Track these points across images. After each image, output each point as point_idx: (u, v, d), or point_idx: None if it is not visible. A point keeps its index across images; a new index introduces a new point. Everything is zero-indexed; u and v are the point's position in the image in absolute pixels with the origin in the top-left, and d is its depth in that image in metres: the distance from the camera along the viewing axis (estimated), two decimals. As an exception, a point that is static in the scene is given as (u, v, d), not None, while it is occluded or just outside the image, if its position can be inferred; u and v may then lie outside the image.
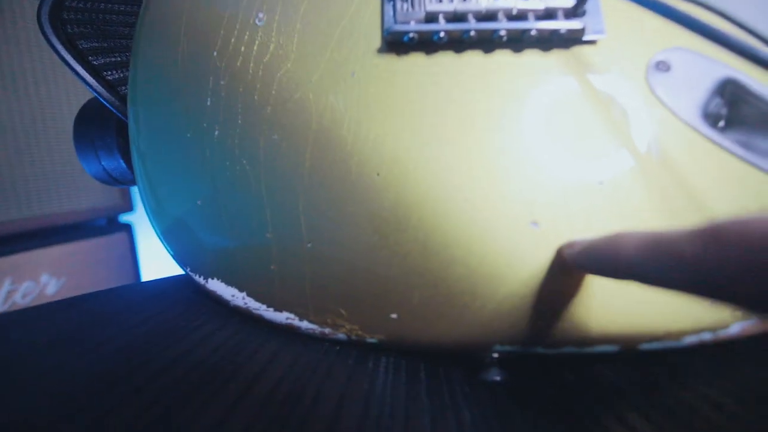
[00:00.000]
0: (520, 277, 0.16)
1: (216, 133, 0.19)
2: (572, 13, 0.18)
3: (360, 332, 0.18)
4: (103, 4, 0.27)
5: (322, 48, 0.18)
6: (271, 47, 0.19)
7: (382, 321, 0.17)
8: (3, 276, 0.59)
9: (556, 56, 0.18)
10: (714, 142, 0.17)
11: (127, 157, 0.31)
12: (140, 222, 0.74)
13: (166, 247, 0.21)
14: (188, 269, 0.20)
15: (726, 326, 0.16)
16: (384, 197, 0.17)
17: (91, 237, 0.67)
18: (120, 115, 0.27)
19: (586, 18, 0.18)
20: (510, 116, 0.17)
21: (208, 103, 0.19)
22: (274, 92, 0.18)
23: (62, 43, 0.25)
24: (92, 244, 0.66)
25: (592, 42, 0.18)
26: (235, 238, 0.19)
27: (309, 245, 0.18)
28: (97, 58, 0.26)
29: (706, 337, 0.16)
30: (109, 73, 0.26)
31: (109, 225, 0.71)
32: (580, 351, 0.16)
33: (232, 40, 0.19)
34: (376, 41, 0.18)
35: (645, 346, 0.16)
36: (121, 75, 0.26)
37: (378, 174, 0.17)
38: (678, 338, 0.16)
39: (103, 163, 0.32)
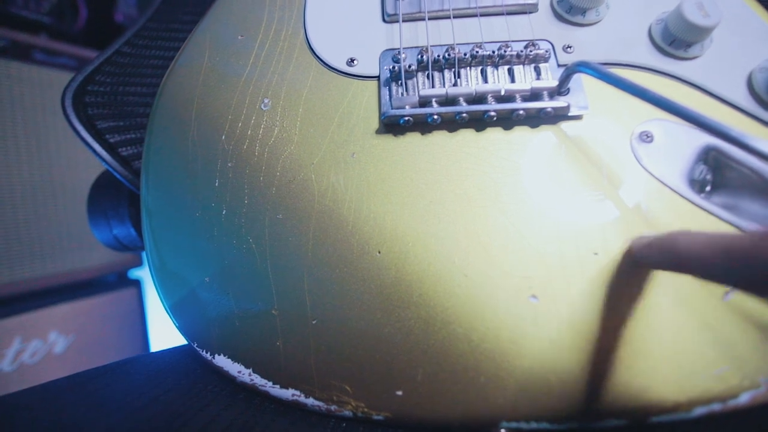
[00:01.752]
0: (523, 352, 0.16)
1: (224, 212, 0.20)
2: (556, 92, 0.19)
3: (366, 409, 0.18)
4: (122, 87, 0.29)
5: (323, 131, 0.20)
6: (276, 131, 0.20)
7: (387, 398, 0.17)
8: (12, 335, 0.59)
9: (544, 132, 0.19)
10: (702, 208, 0.18)
11: (138, 226, 0.32)
12: (149, 277, 0.75)
13: (173, 321, 0.21)
14: (195, 344, 0.21)
15: (736, 396, 0.16)
16: (385, 275, 0.17)
17: (100, 293, 0.68)
18: (133, 188, 0.28)
19: (570, 95, 0.19)
20: (504, 192, 0.18)
21: (216, 184, 0.20)
22: (278, 173, 0.19)
23: (82, 124, 0.27)
24: (102, 300, 0.67)
25: (577, 117, 0.19)
26: (242, 315, 0.19)
27: (314, 322, 0.18)
28: (113, 135, 0.28)
29: (716, 407, 0.16)
30: (124, 149, 0.28)
31: (119, 281, 0.72)
32: (588, 426, 0.16)
33: (239, 124, 0.21)
34: (374, 123, 0.19)
35: (655, 419, 0.16)
36: (136, 150, 0.28)
37: (379, 252, 0.18)
38: (688, 410, 0.16)
39: (114, 231, 0.33)
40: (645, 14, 0.21)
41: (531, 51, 0.19)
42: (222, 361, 0.20)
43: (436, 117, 0.18)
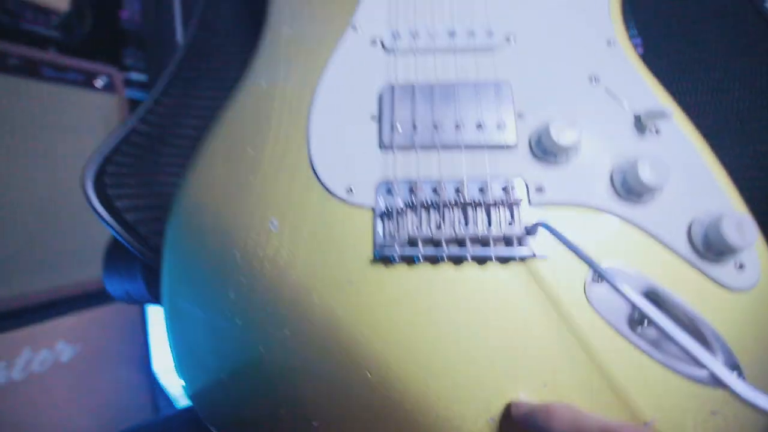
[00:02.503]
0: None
1: (238, 322, 0.24)
2: (526, 233, 0.23)
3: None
4: (138, 168, 0.32)
5: (324, 256, 0.23)
6: (283, 253, 0.24)
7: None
8: (22, 346, 0.64)
9: (512, 270, 0.23)
10: (634, 344, 0.22)
11: (150, 286, 0.36)
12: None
13: (195, 408, 0.26)
14: (213, 429, 0.25)
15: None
16: (374, 395, 0.22)
17: (104, 304, 0.72)
18: (147, 261, 0.32)
19: (536, 237, 0.23)
20: (474, 324, 0.22)
21: (232, 296, 0.24)
22: (285, 294, 0.23)
23: (102, 203, 0.31)
24: (105, 311, 0.72)
25: (543, 257, 0.23)
26: (254, 412, 0.24)
27: (315, 424, 0.22)
28: (131, 214, 0.31)
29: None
30: (143, 226, 0.31)
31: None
32: None
33: (251, 242, 0.24)
34: (369, 253, 0.23)
35: None
36: (153, 229, 0.31)
37: (369, 374, 0.22)
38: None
39: (126, 288, 0.37)
40: (607, 163, 0.24)
41: (506, 195, 0.23)
42: (234, 443, 0.24)
43: (421, 257, 0.22)
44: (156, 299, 0.36)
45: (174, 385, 0.83)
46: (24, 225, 0.64)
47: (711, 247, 0.23)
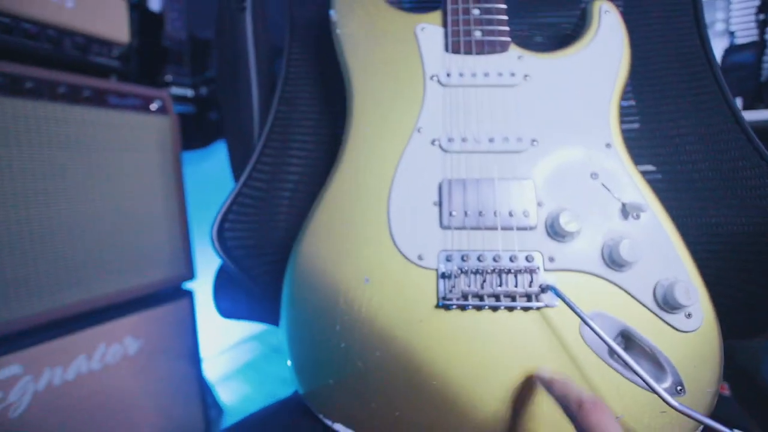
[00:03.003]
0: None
1: (342, 345, 0.36)
2: (541, 292, 0.34)
3: (423, 461, 0.35)
4: (250, 218, 0.43)
5: (402, 304, 0.35)
6: (374, 300, 0.35)
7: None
8: (99, 341, 0.77)
9: (531, 315, 0.34)
10: (612, 368, 0.33)
11: (251, 309, 0.48)
12: (198, 288, 0.93)
13: (307, 401, 0.38)
14: (321, 415, 0.37)
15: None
16: (438, 396, 0.33)
17: (162, 304, 0.85)
18: (251, 291, 0.44)
19: (548, 294, 0.34)
20: (505, 352, 0.33)
21: (337, 328, 0.36)
22: (376, 327, 0.35)
23: (225, 253, 0.42)
24: (163, 309, 0.84)
25: (554, 306, 0.34)
26: (353, 404, 0.35)
27: (396, 413, 0.34)
28: (246, 260, 0.43)
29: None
30: (254, 269, 0.43)
31: (174, 292, 0.89)
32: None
33: (351, 293, 0.36)
34: (433, 301, 0.35)
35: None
36: (261, 269, 0.43)
37: (434, 382, 0.33)
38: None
39: (230, 307, 0.49)
40: (600, 238, 0.35)
41: (528, 263, 0.34)
42: (338, 427, 0.36)
43: (470, 307, 0.34)
44: (254, 317, 0.49)
45: (210, 371, 0.95)
46: (99, 236, 0.76)
47: (668, 303, 0.34)
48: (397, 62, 0.42)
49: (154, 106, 0.88)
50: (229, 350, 1.32)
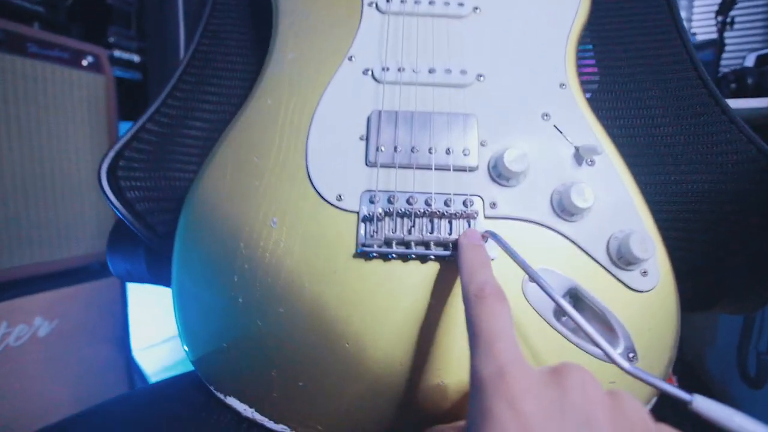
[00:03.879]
0: (429, 414, 0.27)
1: (240, 300, 0.30)
2: (478, 241, 0.29)
3: (331, 442, 0.29)
4: (149, 164, 0.37)
5: (315, 250, 0.29)
6: (281, 245, 0.30)
7: (345, 437, 0.28)
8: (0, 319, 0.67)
9: (466, 268, 0.29)
10: (558, 331, 0.29)
11: (151, 268, 0.41)
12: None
13: (197, 370, 0.31)
14: (212, 387, 0.31)
15: None
16: (350, 360, 0.28)
17: (84, 281, 0.76)
18: (153, 246, 0.37)
19: (488, 244, 0.30)
20: (432, 308, 0.28)
21: (235, 279, 0.30)
22: (282, 278, 0.29)
23: (114, 195, 0.36)
24: (85, 288, 0.75)
25: (492, 259, 0.30)
26: (250, 373, 0.29)
27: (300, 384, 0.29)
28: (141, 204, 0.36)
29: None
30: (150, 216, 0.36)
31: (102, 269, 0.80)
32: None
33: (254, 235, 0.30)
34: (352, 249, 0.29)
35: None
36: (160, 218, 0.37)
37: (347, 344, 0.28)
38: None
39: (128, 267, 0.42)
40: (549, 185, 0.31)
41: (465, 209, 0.30)
42: (232, 401, 0.30)
43: (394, 255, 0.29)
44: (154, 279, 0.42)
45: (149, 364, 0.88)
46: (4, 201, 0.67)
47: (622, 258, 0.30)
48: (331, -15, 0.37)
49: (85, 62, 0.80)
50: (174, 339, 1.22)
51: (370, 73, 0.34)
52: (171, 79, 0.40)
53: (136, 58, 1.04)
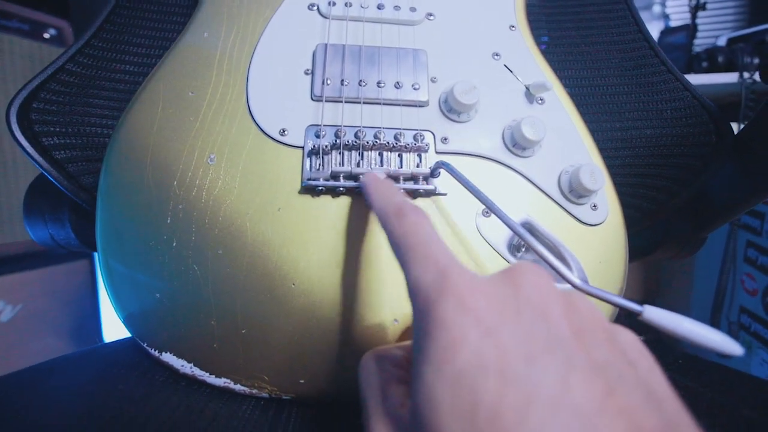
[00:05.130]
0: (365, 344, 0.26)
1: (174, 244, 0.27)
2: (429, 176, 0.28)
3: (278, 392, 0.27)
4: (68, 107, 0.33)
5: (257, 187, 0.27)
6: (219, 183, 0.27)
7: (293, 385, 0.27)
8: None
9: (418, 203, 0.28)
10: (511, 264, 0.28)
11: (77, 229, 0.37)
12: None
13: (126, 328, 0.28)
14: (145, 344, 0.28)
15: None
16: (297, 301, 0.26)
17: (51, 264, 0.70)
18: (78, 200, 0.33)
19: (439, 178, 0.29)
20: (380, 244, 0.27)
21: (168, 221, 0.27)
22: (220, 218, 0.27)
23: (28, 141, 0.32)
24: (52, 271, 0.69)
25: (443, 194, 0.29)
26: (186, 323, 0.27)
27: (243, 331, 0.26)
28: (59, 152, 0.33)
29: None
30: (73, 165, 0.33)
31: (70, 253, 0.73)
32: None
33: (189, 174, 0.28)
34: (297, 185, 0.28)
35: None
36: (83, 167, 0.33)
37: (293, 284, 0.26)
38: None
39: (50, 231, 0.38)
40: (501, 122, 0.31)
41: (416, 143, 0.29)
42: (168, 357, 0.28)
43: (341, 189, 0.27)
44: (81, 243, 0.38)
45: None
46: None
47: (573, 191, 0.30)
48: None
49: (47, 35, 0.73)
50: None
51: (315, 7, 0.32)
52: (97, 19, 0.37)
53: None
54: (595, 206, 0.30)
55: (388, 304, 0.26)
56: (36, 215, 0.37)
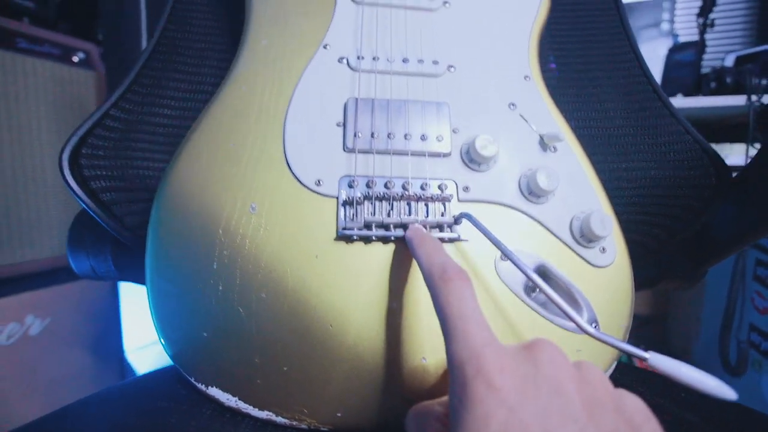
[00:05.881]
0: (414, 392, 0.29)
1: (220, 288, 0.30)
2: (452, 224, 0.31)
3: (317, 424, 0.29)
4: (114, 151, 0.36)
5: (295, 235, 0.30)
6: (261, 231, 0.30)
7: (331, 418, 0.29)
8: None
9: (446, 248, 0.31)
10: (528, 305, 0.31)
11: (118, 264, 0.40)
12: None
13: (175, 364, 0.31)
14: (192, 378, 0.31)
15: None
16: (333, 342, 0.29)
17: (76, 279, 0.73)
18: (121, 239, 0.36)
19: (462, 225, 0.31)
20: (413, 288, 0.30)
21: (215, 267, 0.30)
22: (263, 264, 0.29)
23: (78, 185, 0.34)
24: (77, 286, 0.72)
25: (465, 240, 0.31)
26: (232, 362, 0.29)
27: (284, 369, 0.29)
28: (106, 194, 0.35)
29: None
30: (118, 207, 0.35)
31: None
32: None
33: (233, 222, 0.30)
34: (332, 233, 0.30)
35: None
36: (128, 209, 0.36)
37: (331, 326, 0.29)
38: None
39: (92, 264, 0.40)
40: (517, 171, 0.33)
41: (441, 193, 0.31)
42: (214, 392, 0.30)
43: (374, 238, 0.30)
44: (121, 275, 0.41)
45: (141, 364, 0.83)
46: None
47: (584, 236, 0.32)
48: (304, -25, 0.37)
49: (76, 58, 0.75)
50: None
51: (345, 61, 0.35)
52: (136, 65, 0.39)
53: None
54: (603, 249, 0.33)
55: (417, 343, 0.29)
56: (79, 249, 0.39)
